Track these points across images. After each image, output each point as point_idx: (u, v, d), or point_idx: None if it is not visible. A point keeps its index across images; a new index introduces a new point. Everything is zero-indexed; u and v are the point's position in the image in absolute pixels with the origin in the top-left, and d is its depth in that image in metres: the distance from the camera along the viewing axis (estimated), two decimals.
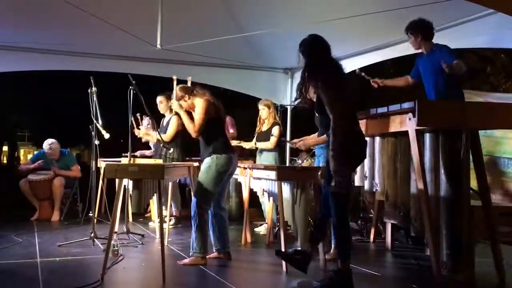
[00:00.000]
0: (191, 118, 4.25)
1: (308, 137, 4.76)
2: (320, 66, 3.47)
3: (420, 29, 4.32)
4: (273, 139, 5.79)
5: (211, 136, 4.19)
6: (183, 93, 4.29)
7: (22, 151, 38.05)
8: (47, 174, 6.59)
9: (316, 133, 4.68)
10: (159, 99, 6.19)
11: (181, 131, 6.06)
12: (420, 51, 4.48)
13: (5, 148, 29.50)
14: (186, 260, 4.14)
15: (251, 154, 6.33)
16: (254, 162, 6.09)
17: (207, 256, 4.16)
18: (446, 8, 4.61)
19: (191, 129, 4.18)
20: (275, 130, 5.80)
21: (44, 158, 6.79)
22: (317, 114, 4.11)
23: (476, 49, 10.44)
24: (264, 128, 5.93)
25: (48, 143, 6.73)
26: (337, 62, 3.56)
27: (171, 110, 6.16)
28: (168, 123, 6.11)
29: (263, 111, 5.88)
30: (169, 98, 6.10)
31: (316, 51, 3.53)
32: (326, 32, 5.95)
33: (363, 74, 4.67)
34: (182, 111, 4.25)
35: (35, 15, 5.74)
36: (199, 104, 4.18)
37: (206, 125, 4.16)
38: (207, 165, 4.14)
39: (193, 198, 4.19)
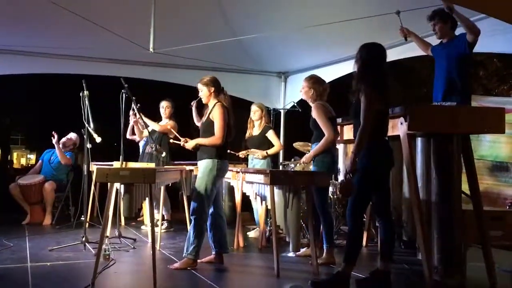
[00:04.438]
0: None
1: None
2: (370, 72, 3.54)
3: (450, 17, 4.26)
4: (276, 143, 5.80)
5: None
6: (211, 85, 4.27)
7: (15, 155, 37.85)
8: (37, 178, 6.55)
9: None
10: (164, 104, 6.18)
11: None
12: (439, 40, 4.41)
13: None
14: (177, 264, 4.11)
15: (243, 158, 6.30)
16: (247, 166, 6.08)
17: (199, 261, 4.15)
18: None
19: (215, 140, 4.12)
20: (272, 135, 5.79)
21: (49, 156, 6.81)
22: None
23: None
24: (256, 132, 5.88)
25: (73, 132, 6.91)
26: (385, 75, 3.63)
27: (170, 117, 6.16)
28: None
29: (256, 113, 5.84)
30: (172, 104, 6.15)
31: (369, 58, 3.60)
32: (319, 36, 6.02)
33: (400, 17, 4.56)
34: (199, 143, 4.24)
35: (29, 19, 5.72)
36: (217, 110, 4.17)
37: (213, 128, 4.16)
38: (208, 168, 4.12)
39: (193, 202, 4.16)
